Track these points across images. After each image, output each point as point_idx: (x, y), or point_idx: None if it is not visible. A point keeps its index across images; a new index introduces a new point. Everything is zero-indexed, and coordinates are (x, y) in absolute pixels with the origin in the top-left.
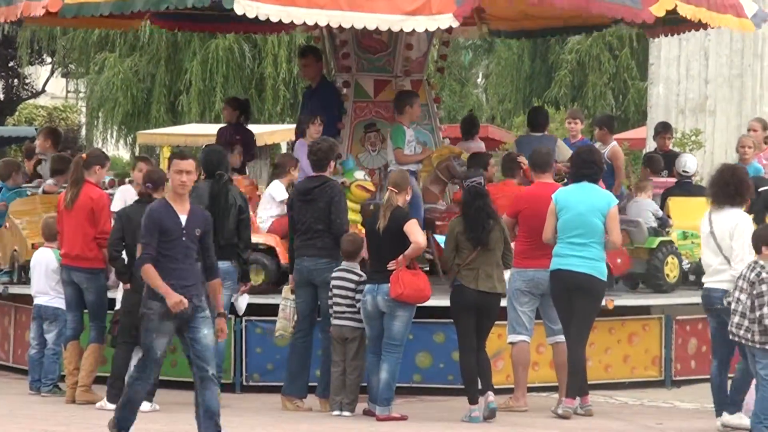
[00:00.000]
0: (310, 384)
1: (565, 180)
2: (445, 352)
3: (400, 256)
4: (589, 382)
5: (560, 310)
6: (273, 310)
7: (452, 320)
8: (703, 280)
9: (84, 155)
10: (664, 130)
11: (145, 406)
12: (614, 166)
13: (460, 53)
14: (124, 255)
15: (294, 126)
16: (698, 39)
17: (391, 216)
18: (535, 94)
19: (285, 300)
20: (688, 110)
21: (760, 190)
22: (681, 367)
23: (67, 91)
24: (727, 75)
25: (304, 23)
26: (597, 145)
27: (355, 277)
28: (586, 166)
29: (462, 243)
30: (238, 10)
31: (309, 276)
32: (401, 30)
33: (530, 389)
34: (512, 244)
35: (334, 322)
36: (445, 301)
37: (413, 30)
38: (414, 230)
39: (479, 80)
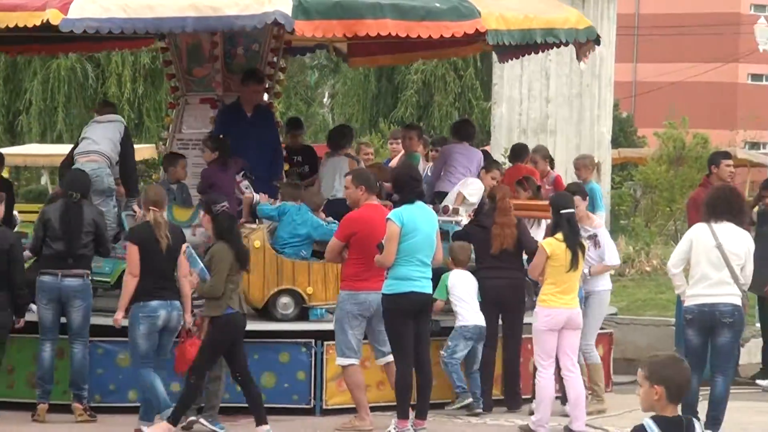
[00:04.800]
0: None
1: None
2: (290, 372)
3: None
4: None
5: (405, 333)
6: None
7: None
8: (701, 291)
9: None
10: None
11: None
12: None
13: (306, 73)
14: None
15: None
16: (539, 59)
17: (172, 234)
18: (382, 114)
19: None
20: (530, 130)
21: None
22: None
23: None
24: (567, 95)
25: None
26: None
27: None
28: (418, 185)
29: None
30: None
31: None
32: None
33: (377, 408)
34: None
35: None
36: (284, 325)
37: None
38: (182, 262)
39: (325, 100)
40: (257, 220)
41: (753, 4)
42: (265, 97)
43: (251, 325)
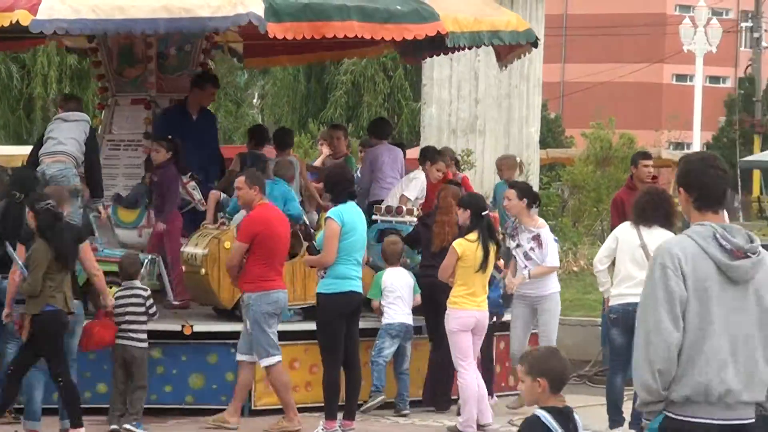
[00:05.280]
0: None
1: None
2: (218, 373)
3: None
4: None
5: (339, 333)
6: None
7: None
8: (625, 291)
9: None
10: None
11: None
12: None
13: (236, 74)
14: None
15: None
16: (469, 60)
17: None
18: (311, 115)
19: None
20: (460, 130)
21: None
22: None
23: None
24: (495, 96)
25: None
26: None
27: (144, 293)
28: (350, 186)
29: None
30: None
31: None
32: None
33: (305, 409)
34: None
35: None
36: (212, 326)
37: None
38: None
39: (255, 101)
40: (225, 222)
41: (678, 4)
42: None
43: (179, 326)
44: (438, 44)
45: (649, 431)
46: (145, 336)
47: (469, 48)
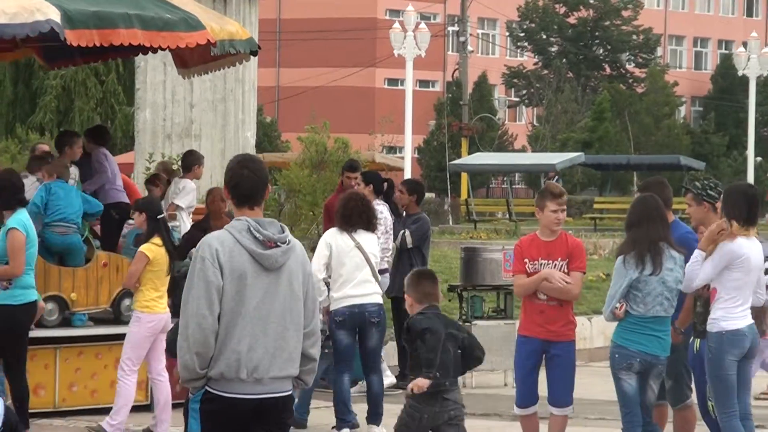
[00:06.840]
0: None
1: None
2: None
3: None
4: (76, 408)
5: (24, 343)
6: None
7: None
8: (350, 292)
9: None
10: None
11: None
12: None
13: None
14: None
15: None
16: None
17: None
18: (19, 120)
19: None
20: (175, 135)
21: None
22: None
23: None
24: (211, 99)
25: None
26: None
27: None
28: (20, 192)
29: None
30: None
31: None
32: None
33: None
34: None
35: None
36: None
37: None
38: None
39: None
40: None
41: (388, 9)
42: None
43: None
44: (81, 51)
45: (192, 402)
46: None
47: (92, 60)
